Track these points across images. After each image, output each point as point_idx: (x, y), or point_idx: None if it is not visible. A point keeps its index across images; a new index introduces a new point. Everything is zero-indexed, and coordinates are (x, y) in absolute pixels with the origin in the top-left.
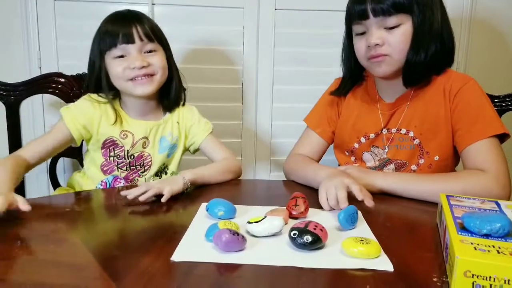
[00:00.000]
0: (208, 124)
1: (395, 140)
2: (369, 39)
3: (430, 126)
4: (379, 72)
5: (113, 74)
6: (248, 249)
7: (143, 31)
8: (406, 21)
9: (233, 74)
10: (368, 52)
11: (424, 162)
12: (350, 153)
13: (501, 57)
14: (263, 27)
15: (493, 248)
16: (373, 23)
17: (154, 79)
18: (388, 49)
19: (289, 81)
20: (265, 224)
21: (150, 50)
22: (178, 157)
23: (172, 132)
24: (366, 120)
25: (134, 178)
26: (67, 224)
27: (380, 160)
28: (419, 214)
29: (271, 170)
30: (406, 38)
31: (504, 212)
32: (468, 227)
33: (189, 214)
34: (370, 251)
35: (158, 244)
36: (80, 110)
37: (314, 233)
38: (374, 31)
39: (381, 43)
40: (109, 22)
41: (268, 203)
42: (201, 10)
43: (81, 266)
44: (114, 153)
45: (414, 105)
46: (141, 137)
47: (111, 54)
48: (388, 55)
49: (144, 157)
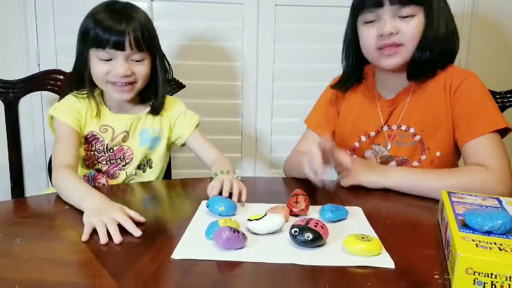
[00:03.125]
0: (194, 117)
1: (396, 137)
2: (382, 27)
3: (431, 122)
4: (389, 63)
5: (94, 72)
6: (249, 246)
7: (134, 38)
8: (419, 13)
9: (233, 70)
10: (379, 41)
11: (426, 158)
12: (351, 152)
13: (502, 53)
14: (263, 23)
15: (494, 245)
16: (388, 11)
17: (134, 86)
18: (401, 38)
19: (290, 77)
20: (266, 222)
21: (138, 59)
22: (162, 150)
23: (153, 125)
24: (366, 118)
25: (115, 172)
26: (67, 222)
27: (382, 157)
28: (420, 211)
29: (271, 167)
30: (419, 30)
31: (506, 209)
32: (470, 224)
33: (189, 212)
34: (371, 249)
35: (158, 241)
36: (68, 106)
37: (315, 230)
38: (387, 20)
39: (395, 32)
40: (102, 18)
41: (268, 201)
42: (200, 6)
43: (81, 263)
44: (95, 147)
45: (415, 101)
46: (121, 131)
47: (97, 54)
48: (402, 45)
49: (124, 150)
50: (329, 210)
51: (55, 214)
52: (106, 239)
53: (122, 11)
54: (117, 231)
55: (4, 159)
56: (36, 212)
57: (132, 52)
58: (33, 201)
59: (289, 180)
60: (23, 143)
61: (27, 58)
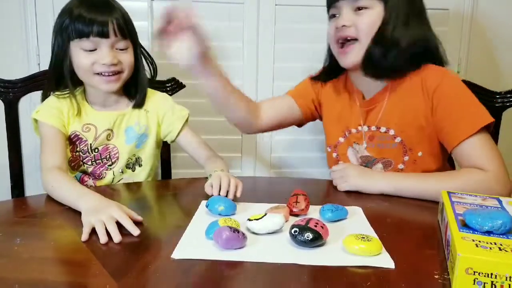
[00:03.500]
0: (183, 111)
1: (376, 139)
2: (338, 20)
3: (410, 123)
4: (346, 61)
5: (79, 65)
6: (249, 246)
7: (118, 25)
8: (376, 6)
9: (232, 70)
10: (336, 35)
11: (409, 159)
12: (332, 149)
13: (502, 52)
14: (263, 22)
15: (494, 245)
16: (345, 4)
17: (121, 76)
18: (355, 32)
19: (290, 77)
20: (266, 222)
21: (122, 48)
22: (150, 148)
23: (139, 121)
24: (349, 115)
25: (101, 172)
26: (67, 221)
27: (362, 157)
28: (420, 210)
29: (271, 167)
30: (374, 23)
31: (506, 209)
32: (470, 224)
33: (189, 212)
34: (371, 248)
35: (158, 241)
36: (49, 107)
37: (315, 230)
38: (344, 13)
39: (348, 25)
40: (82, 8)
41: (268, 200)
42: (200, 5)
43: (81, 263)
44: (79, 148)
45: (392, 102)
46: (104, 129)
47: (80, 44)
48: (357, 39)
49: (110, 149)
50: (329, 210)
51: (55, 213)
52: (106, 239)
53: (102, 1)
54: (116, 230)
55: (4, 158)
56: (36, 212)
57: (117, 39)
58: (33, 201)
59: (289, 180)
60: (23, 142)
61: (27, 58)
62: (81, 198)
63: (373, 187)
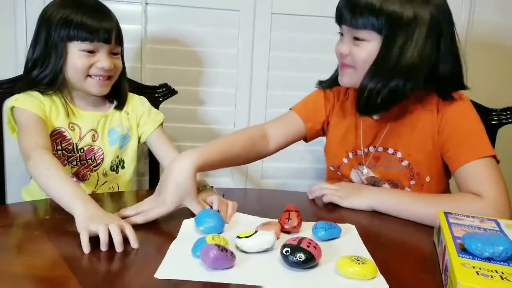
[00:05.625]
0: (159, 115)
1: (382, 160)
2: (340, 43)
3: (419, 147)
4: (342, 81)
5: (76, 66)
6: (238, 266)
7: (117, 32)
8: (373, 40)
9: (226, 77)
10: (337, 54)
11: (415, 183)
12: (335, 168)
13: (497, 70)
14: (258, 30)
15: (496, 273)
16: (346, 30)
17: (112, 80)
18: (351, 61)
19: (284, 86)
20: (256, 240)
21: (115, 53)
22: (133, 149)
23: (121, 123)
24: (354, 135)
25: (85, 173)
26: (45, 233)
27: (368, 178)
28: (415, 230)
29: (263, 177)
30: (368, 58)
31: (505, 233)
32: (470, 249)
33: (175, 226)
34: (366, 272)
35: (141, 259)
36: (30, 96)
37: (307, 251)
38: (345, 39)
39: (345, 53)
40: (82, 12)
41: (259, 214)
42: (196, 11)
43: (58, 281)
44: (61, 146)
45: (401, 124)
46: (88, 129)
47: (80, 46)
48: (353, 67)
49: (95, 150)
50: (322, 228)
51: (35, 224)
52: (107, 247)
53: (102, 7)
54: (121, 238)
55: None
56: (15, 222)
57: (115, 45)
58: (14, 209)
59: (280, 193)
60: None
61: (15, 58)
62: (78, 201)
63: (361, 203)
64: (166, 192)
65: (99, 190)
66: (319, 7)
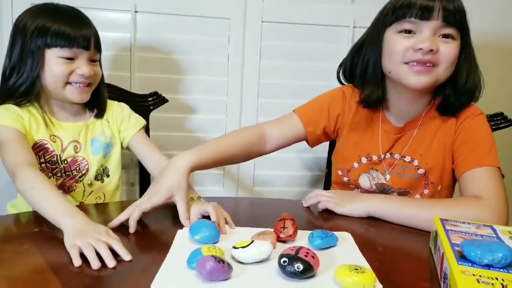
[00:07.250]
0: (139, 120)
1: (397, 167)
2: (422, 41)
3: (436, 156)
4: (418, 81)
5: (55, 73)
6: (235, 277)
7: (95, 38)
8: (458, 39)
9: (217, 85)
10: (412, 55)
11: (429, 192)
12: (344, 172)
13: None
14: (249, 39)
15: (496, 280)
16: (430, 26)
17: (91, 88)
18: (437, 58)
19: (275, 94)
20: (253, 250)
21: (94, 60)
22: (117, 156)
23: (103, 131)
24: (370, 140)
25: (71, 184)
26: (35, 247)
27: (377, 184)
28: (412, 236)
29: (255, 185)
30: (455, 55)
31: (502, 239)
32: (468, 256)
33: (169, 237)
34: (365, 281)
35: (135, 271)
36: (7, 111)
37: (305, 260)
38: (427, 35)
39: (435, 50)
40: (60, 19)
41: (253, 224)
42: (186, 20)
43: None
44: (44, 159)
45: (423, 133)
46: (70, 141)
47: (59, 52)
48: (437, 66)
49: (79, 161)
50: (318, 237)
51: (23, 237)
52: (99, 264)
53: (79, 14)
54: (109, 253)
55: None
56: (2, 235)
57: (94, 52)
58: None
59: (274, 201)
60: None
61: None
62: (66, 216)
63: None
64: (160, 184)
65: (86, 200)
66: (309, 15)
